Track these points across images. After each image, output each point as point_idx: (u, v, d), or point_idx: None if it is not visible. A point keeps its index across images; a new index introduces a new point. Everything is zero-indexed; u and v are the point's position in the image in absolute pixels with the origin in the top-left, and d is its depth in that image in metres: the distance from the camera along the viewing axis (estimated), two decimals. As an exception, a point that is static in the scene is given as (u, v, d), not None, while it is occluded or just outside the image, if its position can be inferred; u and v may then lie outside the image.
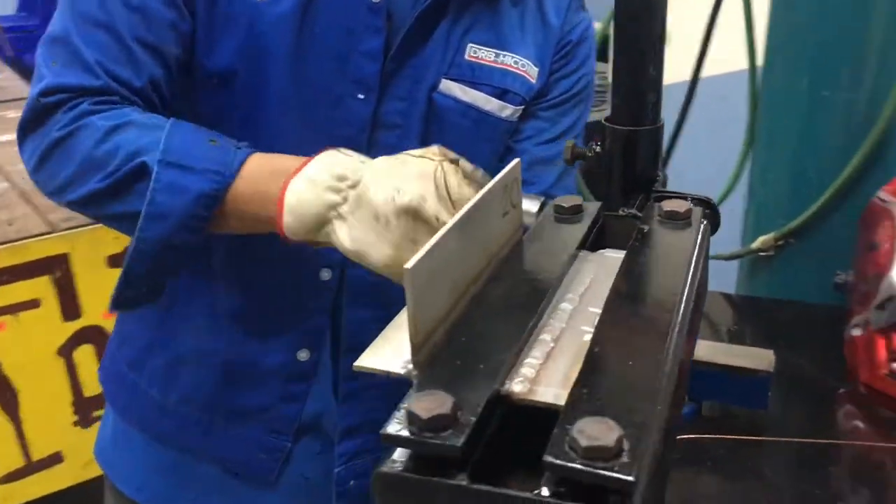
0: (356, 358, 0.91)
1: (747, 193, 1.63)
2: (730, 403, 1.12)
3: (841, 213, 1.40)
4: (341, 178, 0.79)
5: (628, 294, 0.60)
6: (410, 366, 0.53)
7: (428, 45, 0.97)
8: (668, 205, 0.70)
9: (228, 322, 1.03)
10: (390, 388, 1.03)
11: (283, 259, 0.99)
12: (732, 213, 1.58)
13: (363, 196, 0.77)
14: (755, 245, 1.52)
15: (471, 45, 0.99)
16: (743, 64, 1.59)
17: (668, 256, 0.66)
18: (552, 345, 0.56)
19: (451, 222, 0.57)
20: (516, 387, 0.50)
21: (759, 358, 1.08)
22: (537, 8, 1.04)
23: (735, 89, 1.76)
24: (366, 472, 1.11)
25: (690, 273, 0.62)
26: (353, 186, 0.79)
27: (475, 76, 0.99)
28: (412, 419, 0.43)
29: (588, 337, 0.55)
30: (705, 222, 0.72)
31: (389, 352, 0.57)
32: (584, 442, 0.40)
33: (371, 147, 0.96)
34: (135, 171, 0.84)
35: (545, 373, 0.52)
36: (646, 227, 0.69)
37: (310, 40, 0.92)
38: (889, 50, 1.33)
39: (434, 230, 0.73)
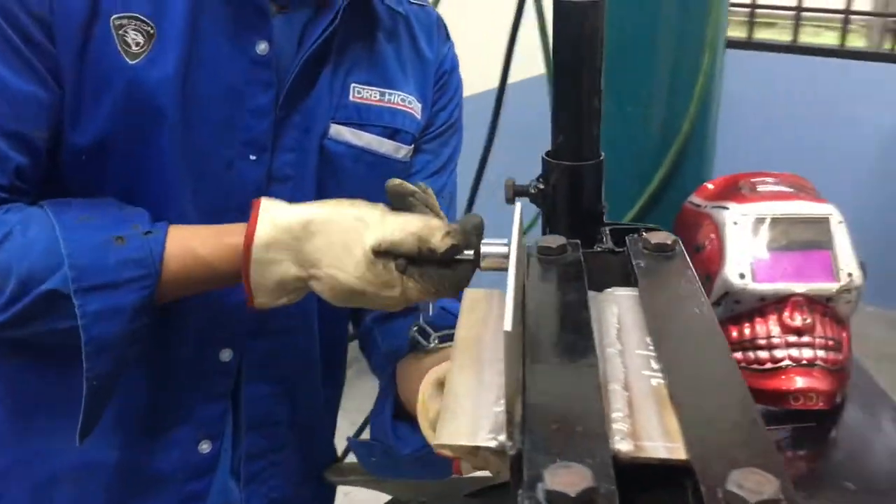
0: (258, 437, 0.94)
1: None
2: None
3: (652, 222, 1.50)
4: (299, 242, 0.77)
5: (670, 333, 0.61)
6: (502, 436, 0.51)
7: (313, 92, 0.93)
8: (654, 237, 0.72)
9: (115, 425, 0.90)
10: (291, 466, 0.96)
11: (179, 344, 0.90)
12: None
13: (332, 270, 0.76)
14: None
15: (354, 85, 0.96)
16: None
17: (679, 288, 0.68)
18: (626, 394, 0.55)
19: (510, 281, 0.55)
20: (622, 445, 0.49)
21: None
22: (411, 43, 1.03)
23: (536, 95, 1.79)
24: None
25: (706, 299, 0.65)
26: (312, 256, 0.77)
27: (362, 118, 0.97)
28: (556, 499, 0.41)
29: (655, 381, 0.55)
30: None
31: (464, 424, 0.54)
32: (751, 498, 0.40)
33: None
34: (41, 300, 0.75)
35: (639, 426, 0.52)
36: (641, 262, 0.70)
37: (195, 103, 0.85)
38: (681, 65, 1.47)
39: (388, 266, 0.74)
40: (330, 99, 0.94)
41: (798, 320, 1.25)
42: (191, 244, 0.80)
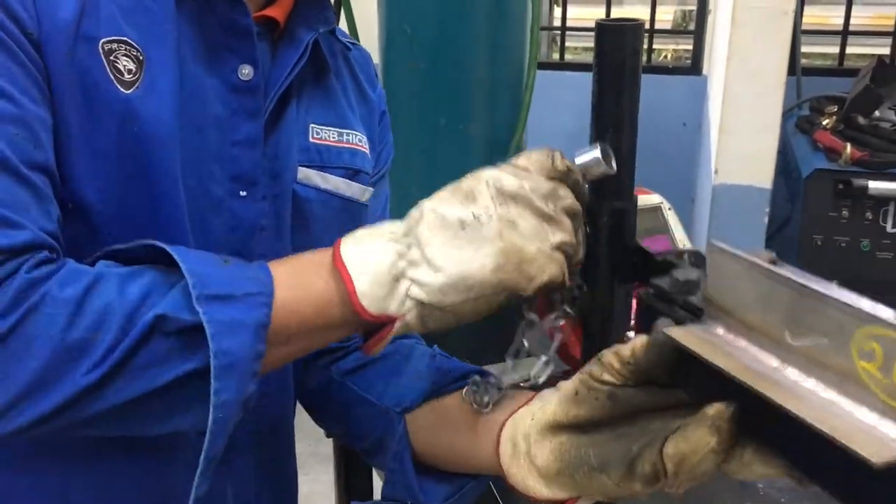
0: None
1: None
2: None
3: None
4: (392, 231, 0.71)
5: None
6: None
7: (282, 133, 0.85)
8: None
9: None
10: None
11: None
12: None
13: (434, 221, 0.69)
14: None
15: (312, 125, 0.90)
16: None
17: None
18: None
19: None
20: None
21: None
22: (354, 83, 0.98)
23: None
24: None
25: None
26: (411, 230, 0.70)
27: (323, 159, 0.90)
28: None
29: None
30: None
31: (875, 440, 0.51)
32: None
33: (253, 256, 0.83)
34: (145, 334, 0.63)
35: None
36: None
37: (187, 137, 0.76)
38: (502, 81, 1.54)
39: (527, 200, 0.69)
40: (294, 139, 0.87)
41: (657, 297, 1.63)
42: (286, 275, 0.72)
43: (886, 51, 3.17)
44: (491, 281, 0.68)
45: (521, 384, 0.82)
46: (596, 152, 0.74)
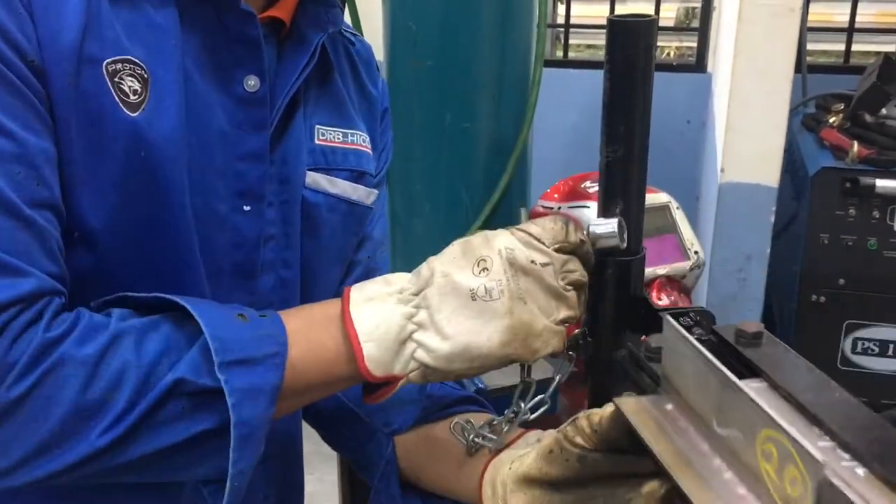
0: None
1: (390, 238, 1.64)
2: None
3: (499, 227, 1.60)
4: (401, 291, 0.71)
5: (834, 420, 0.59)
6: None
7: (291, 137, 0.83)
8: (748, 327, 0.69)
9: None
10: None
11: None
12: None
13: (446, 286, 0.70)
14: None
15: (318, 126, 0.88)
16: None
17: (801, 376, 0.66)
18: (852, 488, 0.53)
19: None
20: None
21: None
22: (355, 78, 0.96)
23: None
24: None
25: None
26: (420, 290, 0.71)
27: (329, 162, 0.89)
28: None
29: (860, 471, 0.54)
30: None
31: None
32: None
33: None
34: (162, 396, 0.63)
35: None
36: (751, 352, 0.67)
37: (193, 156, 0.74)
38: (516, 86, 1.53)
39: (538, 275, 0.70)
40: (301, 143, 0.85)
41: (665, 299, 1.60)
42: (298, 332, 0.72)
43: (892, 48, 3.15)
44: (497, 354, 0.70)
45: (511, 417, 0.82)
46: (613, 226, 0.75)
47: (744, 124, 2.07)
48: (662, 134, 2.75)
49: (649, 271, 1.61)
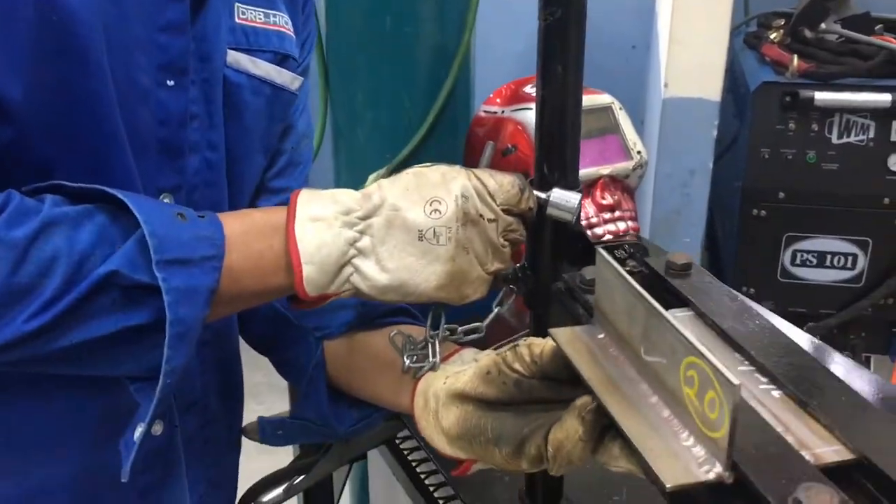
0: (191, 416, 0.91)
1: (332, 149, 1.63)
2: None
3: (443, 134, 1.59)
4: (348, 212, 0.72)
5: (753, 346, 0.63)
6: (717, 468, 0.52)
7: (209, 10, 0.81)
8: (677, 258, 0.74)
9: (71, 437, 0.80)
10: (221, 440, 1.01)
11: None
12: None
13: (395, 220, 0.71)
14: (370, 181, 1.57)
15: (237, 4, 0.86)
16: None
17: (729, 304, 0.69)
18: (765, 409, 0.58)
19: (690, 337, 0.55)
20: (811, 457, 0.53)
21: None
22: None
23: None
24: None
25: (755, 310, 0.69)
26: (367, 217, 0.72)
27: (250, 42, 0.87)
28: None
29: (776, 393, 0.58)
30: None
31: (679, 464, 0.54)
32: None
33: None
34: (94, 287, 0.63)
35: (800, 436, 0.55)
36: (677, 283, 0.73)
37: (112, 23, 0.72)
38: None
39: (482, 228, 0.73)
40: (220, 20, 0.83)
41: (609, 198, 1.60)
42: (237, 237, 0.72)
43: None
44: (429, 294, 0.73)
45: (447, 335, 0.85)
46: (573, 205, 0.77)
47: (687, 37, 2.08)
48: (607, 59, 2.74)
49: (593, 171, 1.61)
